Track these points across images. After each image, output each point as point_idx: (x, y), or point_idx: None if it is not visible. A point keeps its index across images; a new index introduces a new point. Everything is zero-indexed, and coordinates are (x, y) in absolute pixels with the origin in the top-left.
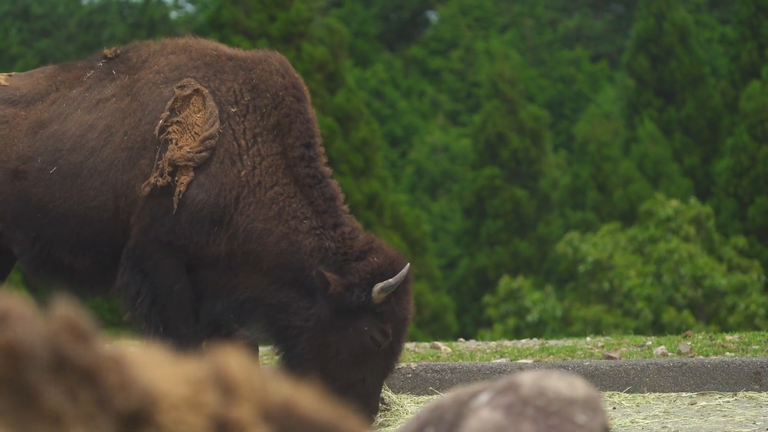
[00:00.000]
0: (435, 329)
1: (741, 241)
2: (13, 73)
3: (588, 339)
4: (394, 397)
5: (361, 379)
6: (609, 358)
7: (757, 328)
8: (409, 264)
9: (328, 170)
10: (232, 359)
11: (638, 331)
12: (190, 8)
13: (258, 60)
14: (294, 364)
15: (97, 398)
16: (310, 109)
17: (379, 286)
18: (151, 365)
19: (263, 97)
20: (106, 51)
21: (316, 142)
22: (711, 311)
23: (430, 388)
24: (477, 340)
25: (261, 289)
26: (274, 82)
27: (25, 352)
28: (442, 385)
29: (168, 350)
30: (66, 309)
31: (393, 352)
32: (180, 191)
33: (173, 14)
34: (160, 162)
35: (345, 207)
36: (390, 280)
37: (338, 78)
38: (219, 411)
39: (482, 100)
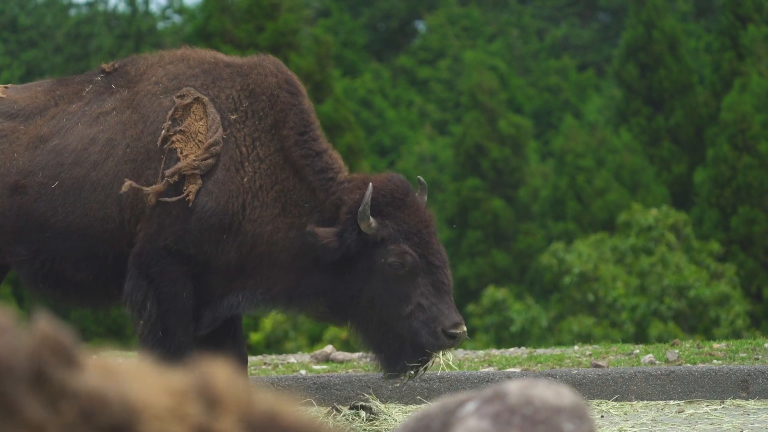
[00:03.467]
0: None
1: (715, 246)
2: (9, 85)
3: (576, 347)
4: (381, 406)
5: (418, 306)
6: (597, 366)
7: (737, 335)
8: (371, 184)
9: (323, 146)
10: (215, 370)
11: (625, 342)
12: (177, 19)
13: (253, 65)
14: (367, 336)
15: (79, 410)
16: (307, 102)
17: (357, 218)
18: (135, 376)
19: (260, 100)
20: (105, 65)
21: (311, 129)
22: (695, 320)
23: (418, 397)
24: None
25: (292, 284)
26: (268, 83)
27: (5, 364)
28: (430, 394)
29: (162, 357)
30: (47, 323)
31: (431, 264)
32: (189, 200)
33: (160, 25)
34: (166, 171)
35: (339, 173)
36: (360, 208)
37: (325, 88)
38: (202, 422)
39: (463, 111)
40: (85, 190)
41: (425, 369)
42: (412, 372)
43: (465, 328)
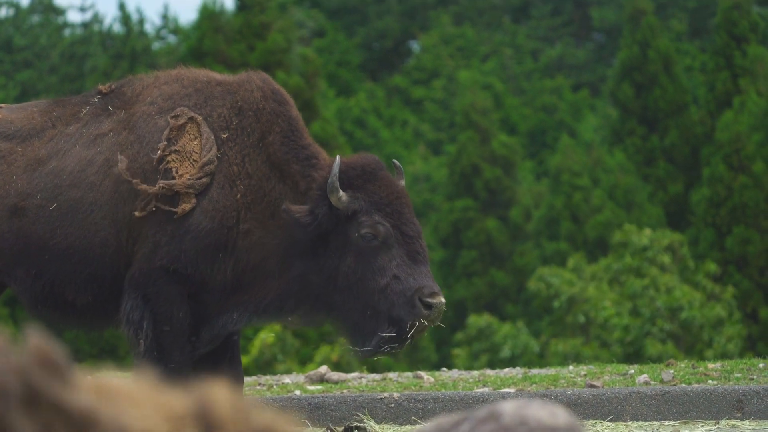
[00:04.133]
0: (415, 358)
1: (712, 266)
2: (3, 105)
3: (570, 368)
4: (376, 427)
5: (393, 277)
6: (591, 386)
7: (729, 356)
8: (338, 156)
9: (308, 142)
10: (215, 393)
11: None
12: (172, 39)
13: (241, 82)
14: (347, 316)
15: (72, 431)
16: (294, 111)
17: (327, 192)
18: (132, 400)
19: (247, 116)
20: (101, 87)
21: (297, 131)
22: (689, 342)
23: (413, 417)
24: (451, 369)
25: (282, 289)
26: (254, 98)
27: None
28: (425, 414)
29: (158, 377)
30: (38, 341)
31: (405, 234)
32: (179, 215)
33: (155, 45)
34: (160, 181)
35: (318, 157)
36: (328, 181)
37: (313, 107)
38: None
39: (457, 131)
40: (82, 211)
41: (405, 342)
42: (391, 347)
43: (443, 299)
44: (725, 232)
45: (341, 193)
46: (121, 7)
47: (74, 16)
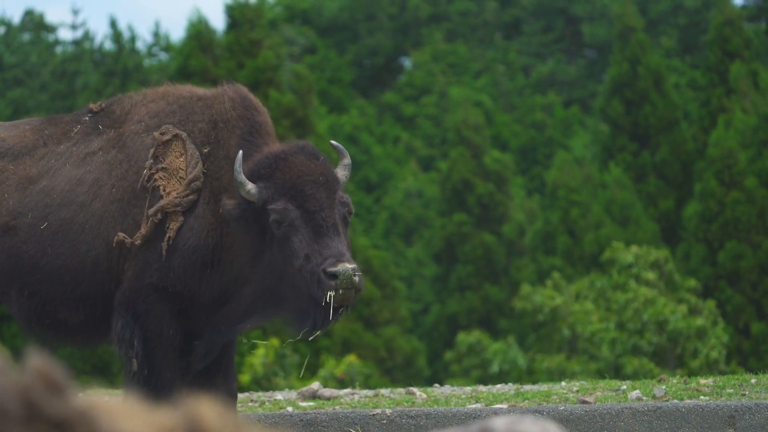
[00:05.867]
0: (409, 374)
1: (692, 282)
2: None
3: (563, 384)
4: None
5: (305, 257)
6: (584, 402)
7: (722, 372)
8: (240, 151)
9: (266, 142)
10: (203, 407)
11: (600, 375)
12: (163, 56)
13: (217, 95)
14: (287, 307)
15: None
16: (262, 117)
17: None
18: (124, 414)
19: (220, 128)
20: (92, 105)
21: (257, 133)
22: (677, 355)
23: None
24: (451, 385)
25: (256, 294)
26: (225, 109)
27: None
28: (418, 430)
29: (149, 394)
30: (39, 361)
31: (307, 210)
32: (169, 237)
33: (146, 62)
34: (149, 210)
35: (263, 152)
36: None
37: (307, 124)
38: None
39: (449, 147)
40: (73, 231)
41: (329, 318)
42: (314, 327)
43: (349, 265)
44: (717, 248)
45: (249, 185)
46: (113, 24)
47: (65, 34)
